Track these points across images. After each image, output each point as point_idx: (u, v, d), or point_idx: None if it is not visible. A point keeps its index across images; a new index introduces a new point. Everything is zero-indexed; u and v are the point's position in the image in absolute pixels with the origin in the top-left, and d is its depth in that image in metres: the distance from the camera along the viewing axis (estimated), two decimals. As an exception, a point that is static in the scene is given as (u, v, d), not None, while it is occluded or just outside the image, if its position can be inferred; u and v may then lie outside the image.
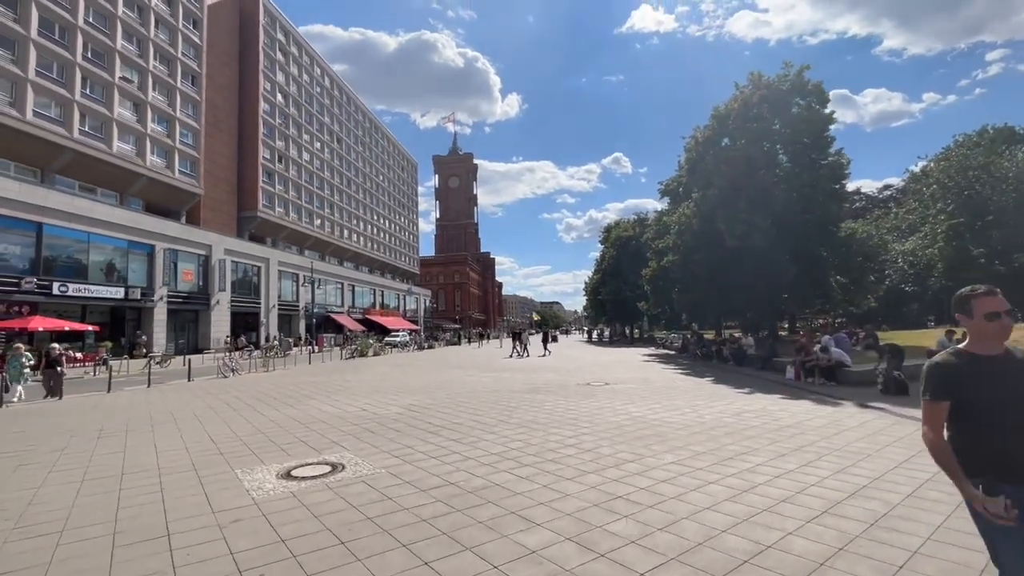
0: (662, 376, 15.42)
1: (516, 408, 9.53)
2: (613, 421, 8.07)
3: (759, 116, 20.87)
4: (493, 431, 7.45)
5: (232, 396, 12.31)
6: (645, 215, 50.58)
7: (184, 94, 41.20)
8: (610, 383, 13.57)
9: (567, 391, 11.92)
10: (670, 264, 24.31)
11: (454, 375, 16.98)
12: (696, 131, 23.06)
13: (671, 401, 10.11)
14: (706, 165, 21.79)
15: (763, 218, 18.97)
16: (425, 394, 11.90)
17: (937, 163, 36.85)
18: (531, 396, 11.16)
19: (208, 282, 39.63)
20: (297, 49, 61.12)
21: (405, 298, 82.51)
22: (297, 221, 58.43)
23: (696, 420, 8.09)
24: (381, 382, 14.98)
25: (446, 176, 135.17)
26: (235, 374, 19.28)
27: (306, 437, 7.31)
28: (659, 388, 12.28)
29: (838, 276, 21.03)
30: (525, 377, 15.61)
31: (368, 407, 10.03)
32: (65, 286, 28.51)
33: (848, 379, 12.11)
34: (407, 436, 7.21)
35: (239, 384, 15.43)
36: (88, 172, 33.83)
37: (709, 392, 11.58)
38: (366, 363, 25.11)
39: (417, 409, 9.65)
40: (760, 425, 7.61)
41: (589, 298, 62.39)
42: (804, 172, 19.59)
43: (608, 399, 10.50)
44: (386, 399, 11.14)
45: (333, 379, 16.32)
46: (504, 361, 23.76)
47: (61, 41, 31.45)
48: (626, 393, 11.41)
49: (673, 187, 29.51)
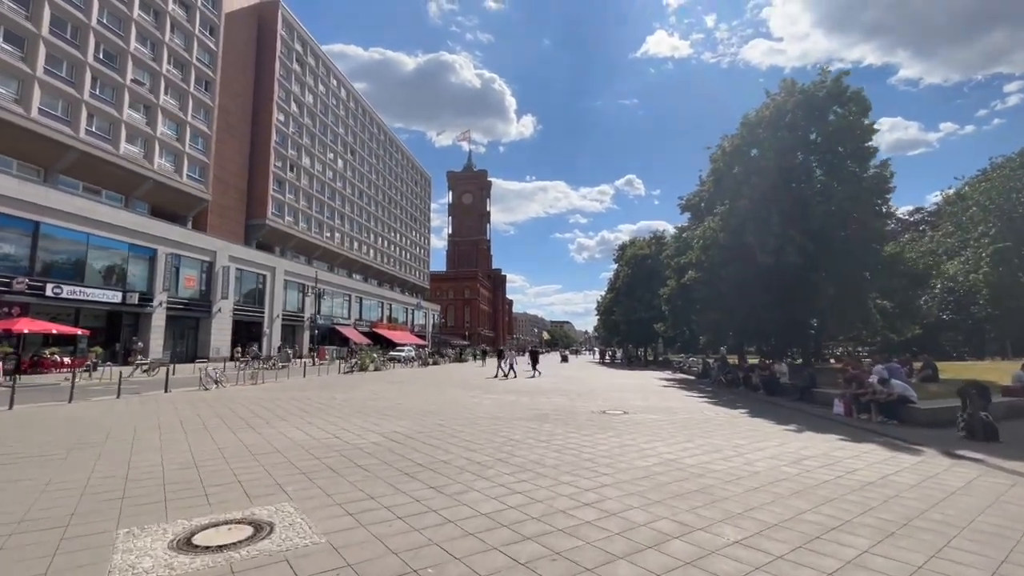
0: (687, 405, 13.62)
1: (519, 443, 7.85)
2: (640, 466, 6.37)
3: (793, 124, 19.30)
4: (487, 476, 5.80)
5: (196, 413, 10.79)
6: (662, 233, 48.98)
7: (196, 99, 40.88)
8: (628, 411, 11.82)
9: (579, 421, 10.21)
10: (692, 281, 22.57)
11: (453, 396, 15.33)
12: (723, 140, 21.53)
13: (707, 439, 8.36)
14: (734, 176, 20.20)
15: (799, 233, 17.25)
16: (415, 419, 10.27)
17: (975, 184, 34.88)
18: (537, 426, 9.47)
19: (211, 289, 38.65)
20: (314, 60, 61.26)
21: (414, 312, 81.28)
22: (307, 231, 57.71)
23: (746, 468, 6.35)
24: (370, 402, 13.38)
25: (460, 192, 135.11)
26: (219, 386, 17.83)
27: (248, 475, 5.72)
28: (687, 420, 10.51)
29: (879, 300, 19.11)
30: (531, 401, 13.91)
31: (343, 434, 8.43)
32: (59, 288, 27.55)
33: (913, 418, 10.24)
34: (375, 481, 5.58)
35: (215, 398, 13.94)
36: (93, 173, 33.24)
37: (748, 427, 9.79)
38: (364, 379, 23.55)
39: (400, 439, 8.02)
40: (834, 480, 5.85)
41: (601, 318, 60.50)
42: (843, 185, 17.88)
43: (629, 433, 8.78)
44: (368, 424, 9.53)
45: (319, 396, 14.76)
46: (509, 382, 22.05)
47: (73, 40, 31.15)
48: (649, 425, 9.68)
49: (695, 202, 27.92)
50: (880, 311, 19.72)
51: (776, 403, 14.47)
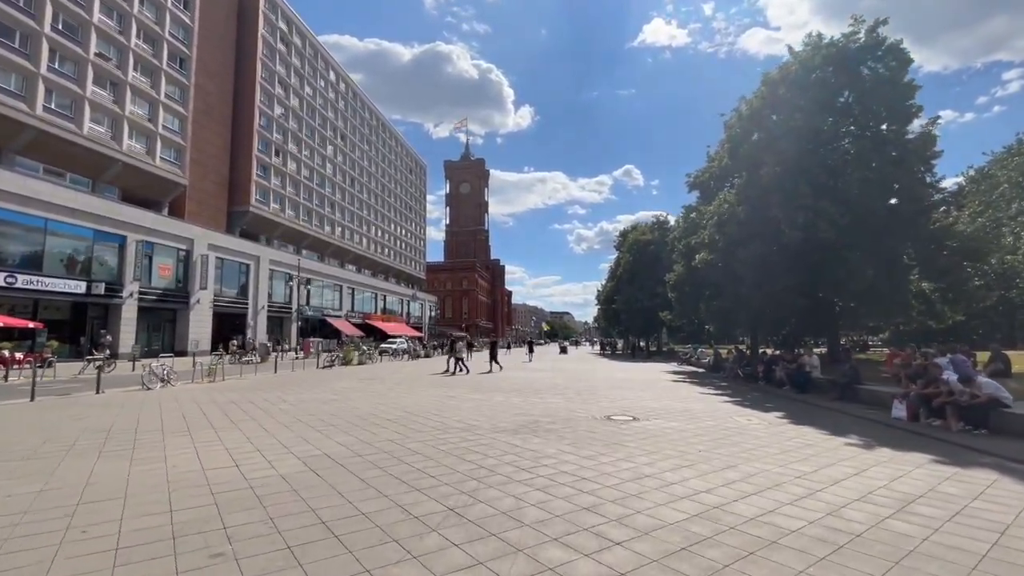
0: (708, 407, 11.34)
1: (491, 473, 5.56)
2: (671, 522, 4.07)
3: (822, 82, 16.84)
4: (421, 550, 3.51)
5: (84, 426, 8.50)
6: (665, 218, 46.56)
7: (170, 77, 38.19)
8: (639, 416, 9.55)
9: (578, 432, 7.93)
10: (703, 264, 20.23)
11: (431, 396, 13.06)
12: (741, 103, 19.05)
13: (754, 462, 6.07)
14: (754, 143, 17.79)
15: (831, 204, 14.87)
16: (365, 431, 7.98)
17: (1004, 161, 32.43)
18: (522, 442, 7.18)
19: (188, 279, 36.32)
20: (300, 40, 58.33)
21: (409, 304, 79.01)
22: (294, 219, 55.20)
23: (836, 524, 4.05)
24: (324, 405, 11.10)
25: (457, 182, 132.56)
26: (165, 385, 15.58)
27: (9, 563, 3.44)
28: (717, 431, 8.23)
29: (921, 281, 16.73)
30: (522, 403, 11.63)
31: (251, 459, 6.14)
32: (13, 277, 25.24)
33: (1008, 426, 7.95)
34: (225, 573, 3.29)
35: (143, 402, 11.66)
36: (54, 154, 30.74)
37: (799, 441, 7.49)
38: (339, 375, 21.29)
39: (323, 469, 5.73)
40: (993, 556, 3.57)
41: (601, 308, 58.19)
42: (883, 149, 15.46)
43: (645, 452, 6.49)
44: (297, 440, 7.24)
45: (268, 397, 12.48)
46: (500, 378, 19.81)
47: (26, 8, 28.53)
48: (670, 439, 7.39)
49: (703, 179, 25.54)
50: (919, 294, 17.36)
51: (811, 403, 12.19)
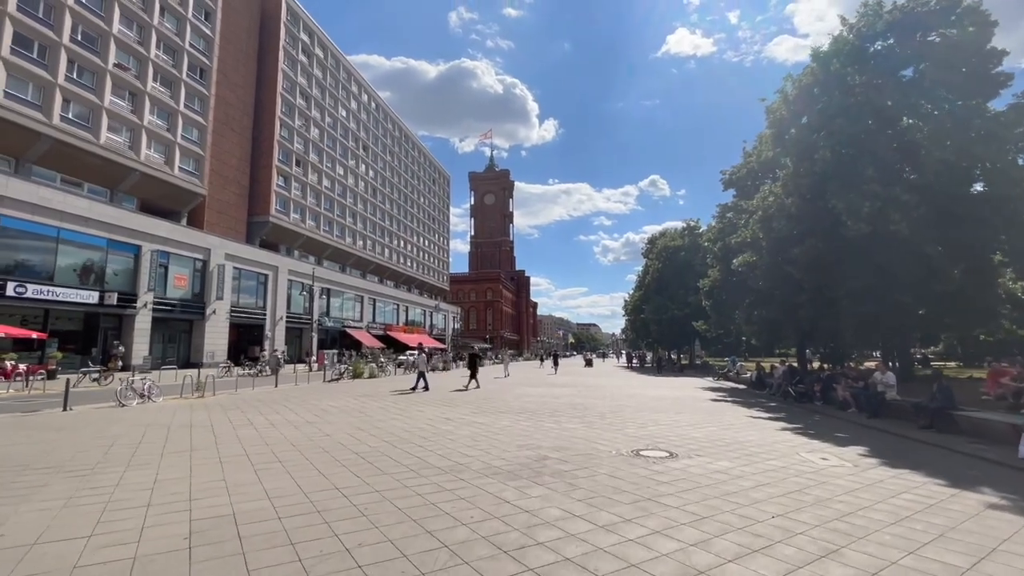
0: (763, 436, 9.06)
1: (450, 564, 3.59)
2: None
3: (886, 52, 14.47)
4: None
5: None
6: (696, 222, 43.89)
7: (190, 87, 38.14)
8: (677, 452, 7.42)
9: (596, 478, 5.86)
10: (744, 266, 17.84)
11: (425, 417, 11.14)
12: (786, 83, 16.70)
13: (864, 543, 3.90)
14: (805, 127, 15.46)
15: (905, 191, 12.44)
16: (319, 469, 6.09)
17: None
18: (516, 494, 5.17)
19: (204, 289, 35.76)
20: (322, 51, 58.47)
21: (432, 315, 77.87)
22: (315, 229, 54.75)
23: None
24: (292, 431, 9.32)
25: (482, 193, 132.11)
26: (145, 400, 14.20)
27: None
28: (784, 474, 6.02)
29: (1021, 280, 14.00)
30: (531, 429, 9.60)
31: (122, 526, 4.32)
32: (23, 287, 24.76)
33: None
34: None
35: (93, 423, 10.14)
36: (71, 164, 30.61)
37: (909, 498, 5.22)
38: (340, 390, 19.66)
39: (205, 548, 3.87)
40: None
41: (629, 318, 55.50)
42: (965, 124, 12.94)
43: (691, 519, 4.39)
44: (219, 487, 5.41)
45: (237, 419, 10.79)
46: (512, 395, 17.78)
47: (45, 19, 28.61)
48: (723, 492, 5.25)
49: (741, 174, 23.19)
50: (1010, 297, 14.57)
51: (892, 432, 9.74)
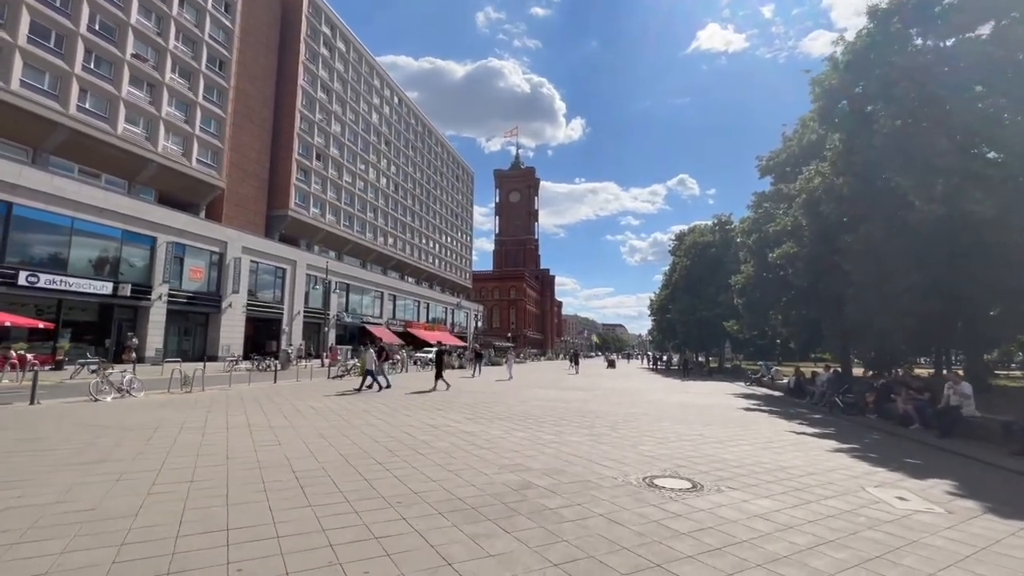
0: (812, 460, 7.25)
1: None
2: None
3: (960, 5, 12.27)
4: None
5: None
6: (728, 217, 41.36)
7: (209, 79, 37.99)
8: (702, 481, 5.74)
9: (588, 522, 4.25)
10: (783, 258, 15.79)
11: (407, 424, 9.70)
12: (836, 49, 14.54)
13: None
14: (858, 97, 13.36)
15: (985, 165, 10.32)
16: (224, 498, 4.72)
17: None
18: (470, 550, 3.63)
19: (221, 282, 35.43)
20: (345, 45, 58.08)
21: (454, 312, 76.98)
22: (335, 224, 54.42)
23: None
24: (242, 438, 7.98)
25: (507, 191, 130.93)
26: (125, 395, 13.28)
27: None
28: (850, 522, 4.28)
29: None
30: (524, 442, 8.03)
31: None
32: (35, 276, 24.56)
33: None
34: None
35: (46, 419, 9.12)
36: (88, 155, 30.64)
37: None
38: (335, 387, 18.47)
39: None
40: None
41: (655, 318, 53.11)
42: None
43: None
44: (78, 518, 4.09)
45: (199, 419, 9.55)
46: (515, 400, 16.23)
47: (62, 8, 28.60)
48: (766, 554, 3.59)
49: (780, 160, 21.02)
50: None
51: (976, 458, 7.78)
